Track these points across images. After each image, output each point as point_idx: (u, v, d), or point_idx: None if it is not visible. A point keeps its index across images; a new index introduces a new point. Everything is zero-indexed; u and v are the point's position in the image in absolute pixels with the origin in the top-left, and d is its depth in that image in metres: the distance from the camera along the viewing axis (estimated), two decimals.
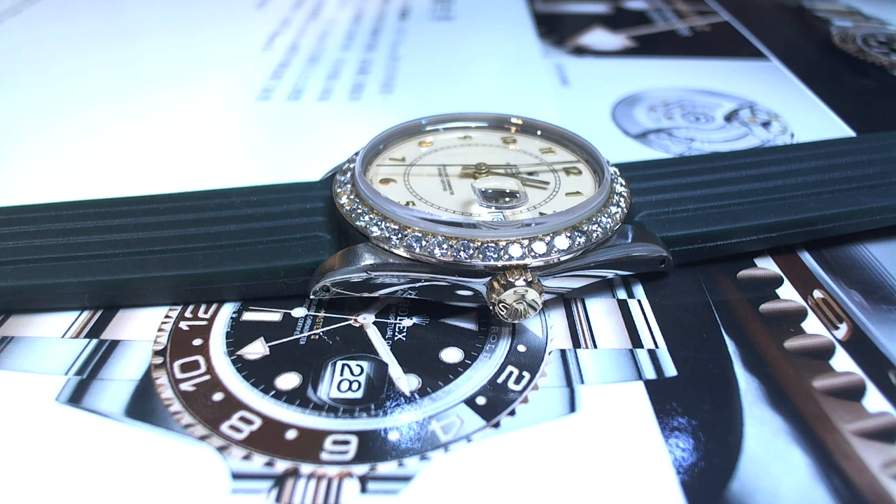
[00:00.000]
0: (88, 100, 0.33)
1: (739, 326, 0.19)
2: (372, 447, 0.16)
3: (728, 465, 0.15)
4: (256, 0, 0.49)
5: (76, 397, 0.17)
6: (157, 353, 0.18)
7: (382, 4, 0.49)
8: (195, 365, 0.18)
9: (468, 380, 0.17)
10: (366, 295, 0.19)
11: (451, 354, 0.18)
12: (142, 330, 0.19)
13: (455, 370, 0.18)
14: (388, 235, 0.18)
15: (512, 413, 0.17)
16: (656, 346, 0.19)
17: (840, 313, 0.20)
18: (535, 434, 0.16)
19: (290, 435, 0.16)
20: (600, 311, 0.20)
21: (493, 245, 0.18)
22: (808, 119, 0.32)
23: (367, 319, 0.19)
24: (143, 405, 0.17)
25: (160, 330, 0.19)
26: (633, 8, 0.49)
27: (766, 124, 0.31)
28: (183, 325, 0.19)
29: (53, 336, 0.19)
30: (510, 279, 0.17)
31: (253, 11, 0.47)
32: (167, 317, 0.19)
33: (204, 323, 0.19)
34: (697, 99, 0.34)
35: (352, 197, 0.20)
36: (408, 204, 0.20)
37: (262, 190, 0.22)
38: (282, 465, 0.15)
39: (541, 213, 0.20)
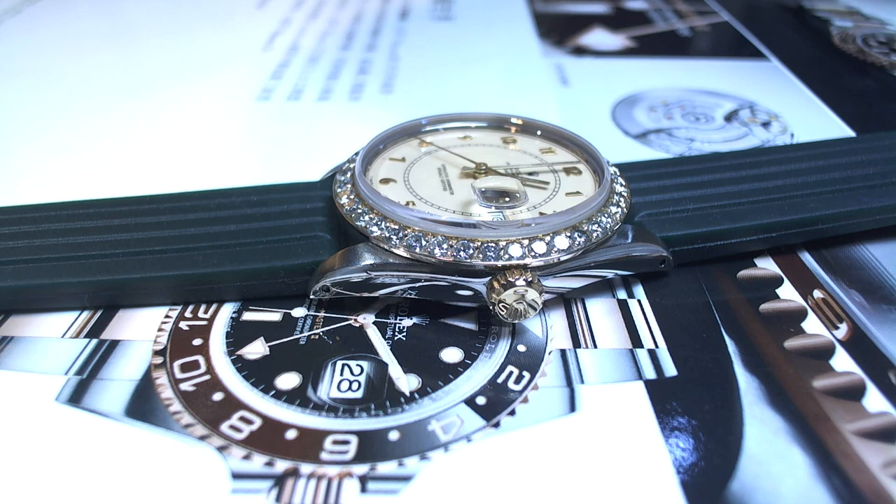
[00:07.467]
0: (88, 100, 0.33)
1: (739, 326, 0.19)
2: (372, 447, 0.16)
3: (728, 465, 0.15)
4: (256, 0, 0.49)
5: (76, 397, 0.17)
6: (157, 353, 0.18)
7: (382, 4, 0.49)
8: (195, 365, 0.18)
9: (468, 380, 0.17)
10: (366, 295, 0.19)
11: (451, 354, 0.18)
12: (142, 330, 0.19)
13: (455, 370, 0.18)
14: (388, 235, 0.18)
15: (512, 413, 0.17)
16: (656, 346, 0.19)
17: (840, 313, 0.20)
18: (535, 434, 0.16)
19: (290, 435, 0.16)
20: (600, 311, 0.20)
21: (493, 245, 0.18)
22: (808, 119, 0.32)
23: (367, 319, 0.19)
24: (143, 405, 0.17)
25: (160, 330, 0.19)
26: (633, 8, 0.49)
27: (766, 124, 0.31)
28: (183, 324, 0.19)
29: (53, 336, 0.19)
30: (510, 279, 0.17)
31: (253, 11, 0.47)
32: (167, 317, 0.19)
33: (204, 323, 0.19)
34: (697, 99, 0.34)
35: (352, 197, 0.20)
36: (408, 204, 0.20)
37: (262, 190, 0.22)
38: (282, 465, 0.15)
39: (541, 213, 0.20)
